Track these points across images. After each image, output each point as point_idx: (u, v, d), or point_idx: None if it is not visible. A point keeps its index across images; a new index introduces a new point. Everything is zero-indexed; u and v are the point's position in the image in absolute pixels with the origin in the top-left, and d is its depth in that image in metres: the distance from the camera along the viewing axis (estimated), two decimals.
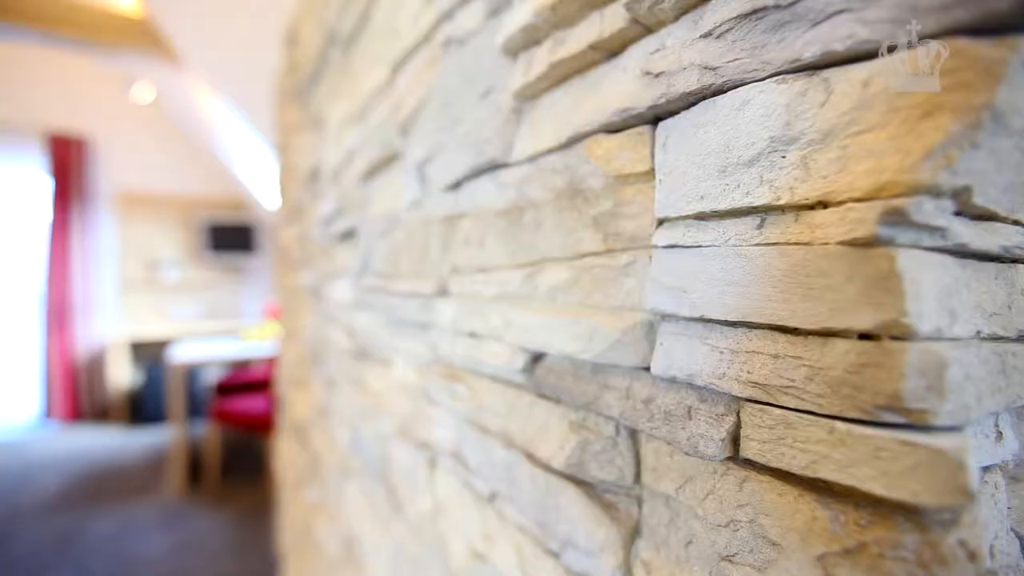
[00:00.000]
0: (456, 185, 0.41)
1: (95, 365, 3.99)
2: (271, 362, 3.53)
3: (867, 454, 0.17)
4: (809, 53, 0.19)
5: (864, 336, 0.17)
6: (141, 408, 3.81)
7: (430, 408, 0.47)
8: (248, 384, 3.01)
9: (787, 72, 0.20)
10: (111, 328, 4.07)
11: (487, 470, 0.36)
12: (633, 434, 0.25)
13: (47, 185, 3.82)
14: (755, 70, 0.21)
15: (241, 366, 4.09)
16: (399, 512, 0.55)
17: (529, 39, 0.33)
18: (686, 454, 0.22)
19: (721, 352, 0.21)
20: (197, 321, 4.33)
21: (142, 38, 2.59)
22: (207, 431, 2.81)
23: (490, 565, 0.35)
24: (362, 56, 0.70)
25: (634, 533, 0.25)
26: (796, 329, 0.19)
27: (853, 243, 0.18)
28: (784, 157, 0.20)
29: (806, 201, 0.19)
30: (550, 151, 0.31)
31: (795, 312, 0.19)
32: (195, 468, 2.90)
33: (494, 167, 0.36)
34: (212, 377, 3.98)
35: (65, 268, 3.85)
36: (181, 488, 2.68)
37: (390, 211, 0.57)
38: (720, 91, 0.22)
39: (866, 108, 0.18)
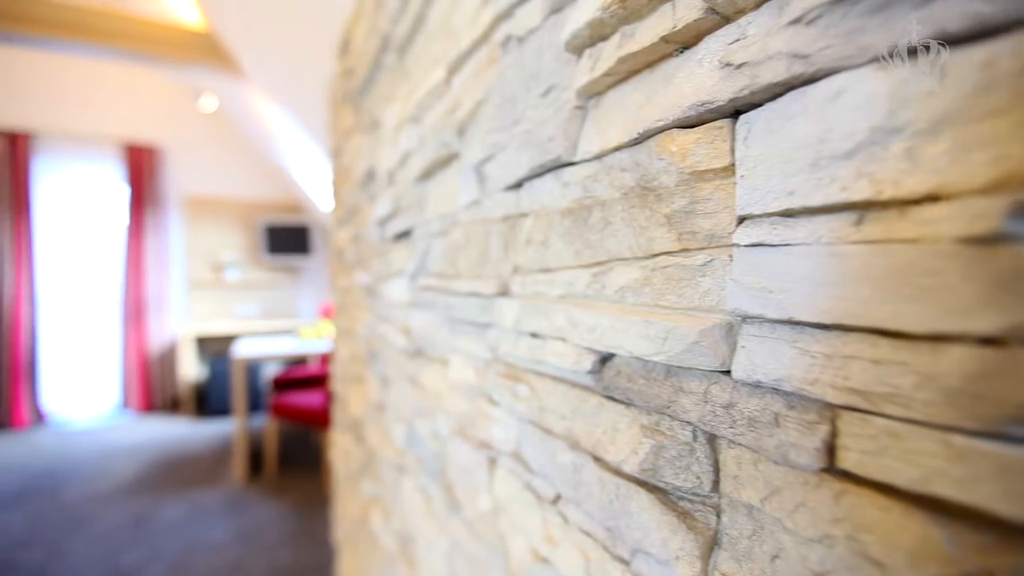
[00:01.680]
0: (517, 185, 0.41)
1: (166, 359, 4.26)
2: (326, 359, 3.66)
3: (992, 471, 0.15)
4: (917, 35, 0.18)
5: (986, 341, 0.16)
6: (206, 400, 4.04)
7: (489, 408, 0.47)
8: (304, 380, 3.13)
9: (889, 57, 0.19)
10: (180, 325, 4.34)
11: (550, 472, 0.36)
12: (712, 440, 0.24)
13: (124, 191, 4.11)
14: (852, 56, 0.19)
15: (297, 363, 4.28)
16: (456, 511, 0.55)
17: (595, 35, 0.32)
18: (774, 463, 0.21)
19: (813, 356, 0.20)
20: (256, 319, 4.55)
21: (208, 53, 2.75)
22: (266, 424, 2.95)
23: (554, 568, 0.35)
24: (416, 59, 0.71)
25: (712, 544, 0.24)
26: (901, 333, 0.18)
27: (971, 240, 0.16)
28: (887, 149, 0.18)
29: (913, 196, 0.18)
30: (618, 148, 0.31)
31: (900, 314, 0.18)
32: (255, 459, 3.05)
33: (558, 166, 0.36)
34: (271, 373, 4.18)
35: (139, 268, 4.14)
36: (243, 478, 2.82)
37: (447, 211, 0.58)
38: (811, 80, 0.21)
39: (986, 93, 0.17)
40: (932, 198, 0.18)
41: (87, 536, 2.24)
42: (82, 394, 4.13)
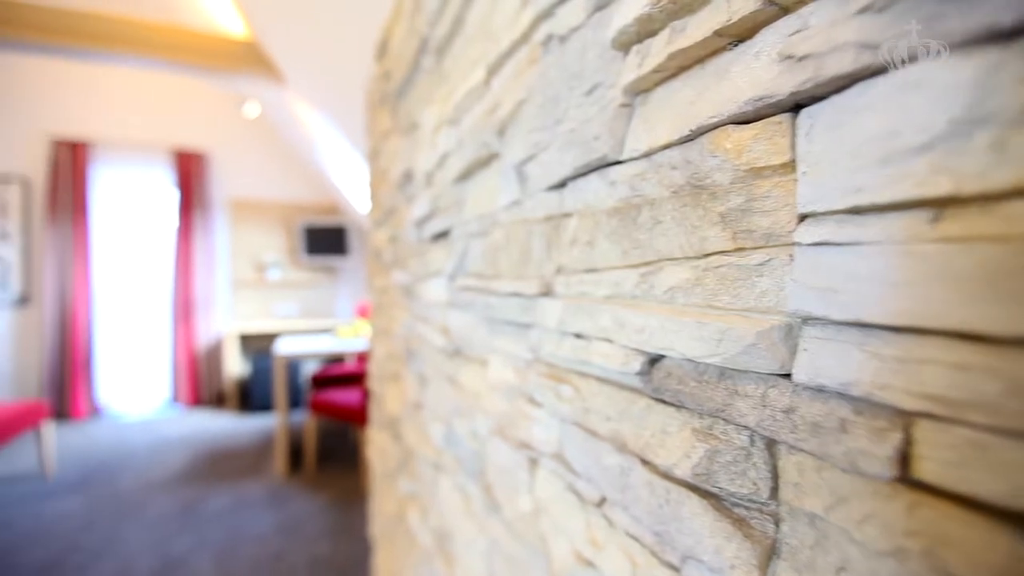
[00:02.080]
0: (560, 184, 0.41)
1: (212, 356, 4.44)
2: (362, 358, 3.74)
3: None
4: (1007, 19, 0.17)
5: None
6: (249, 396, 4.19)
7: (530, 408, 0.47)
8: (342, 377, 3.21)
9: (973, 43, 0.17)
10: (225, 323, 4.52)
11: (595, 474, 0.36)
12: (770, 445, 0.24)
13: (174, 195, 4.31)
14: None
15: (335, 361, 4.38)
16: (496, 510, 0.55)
17: (643, 31, 0.31)
18: (841, 471, 0.20)
19: (884, 360, 0.19)
20: (296, 318, 4.69)
21: (252, 61, 2.85)
22: (306, 420, 3.03)
23: (598, 571, 0.35)
24: (455, 61, 0.72)
25: (771, 553, 0.23)
26: (986, 336, 0.17)
27: None
28: (969, 141, 0.17)
29: (999, 190, 0.17)
30: (667, 146, 0.30)
31: (985, 317, 0.17)
32: (295, 454, 3.15)
33: (604, 165, 0.35)
34: (310, 370, 4.30)
35: (188, 268, 4.32)
36: (284, 471, 2.91)
37: (486, 212, 0.58)
38: (882, 71, 0.20)
39: None
40: (1021, 193, 0.16)
41: (140, 522, 2.36)
42: (135, 388, 4.35)
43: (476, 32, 0.63)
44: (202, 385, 4.37)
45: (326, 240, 4.58)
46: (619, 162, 0.34)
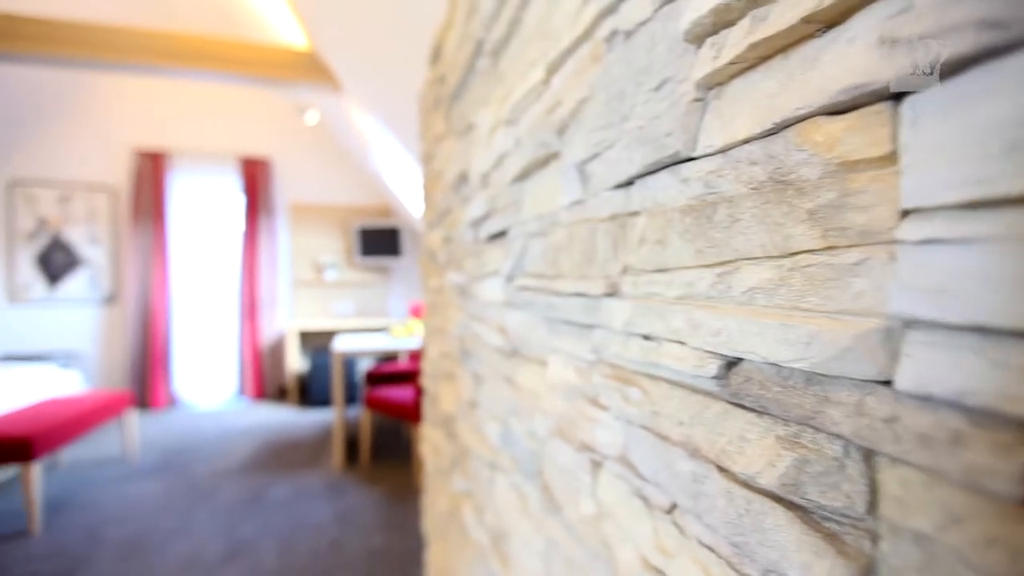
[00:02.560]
0: (627, 183, 0.40)
1: (274, 352, 4.67)
2: (414, 356, 3.82)
3: None
4: None
5: None
6: (308, 391, 4.38)
7: (592, 410, 0.46)
8: (395, 375, 3.29)
9: None
10: (286, 321, 4.74)
11: (665, 480, 0.35)
12: (868, 457, 0.22)
13: (240, 200, 4.57)
14: None
15: (389, 359, 4.51)
16: (555, 512, 0.55)
17: (719, 21, 0.30)
18: (958, 488, 0.19)
19: (1007, 368, 0.17)
20: (351, 317, 4.87)
21: (312, 71, 2.97)
22: (361, 415, 3.14)
23: None
24: (512, 62, 0.72)
25: (868, 572, 0.22)
26: None
27: None
28: None
29: None
30: (746, 141, 0.29)
31: None
32: (351, 447, 3.26)
33: (675, 162, 0.34)
34: (365, 367, 4.44)
35: (253, 269, 4.57)
36: (340, 464, 3.02)
37: (545, 212, 0.58)
38: (1007, 51, 0.18)
39: None
40: None
41: (211, 507, 2.51)
42: (206, 381, 4.64)
43: (534, 32, 0.63)
44: (265, 380, 4.61)
45: (380, 241, 4.72)
46: (692, 159, 0.33)
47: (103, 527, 2.32)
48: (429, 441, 1.55)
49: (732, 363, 0.29)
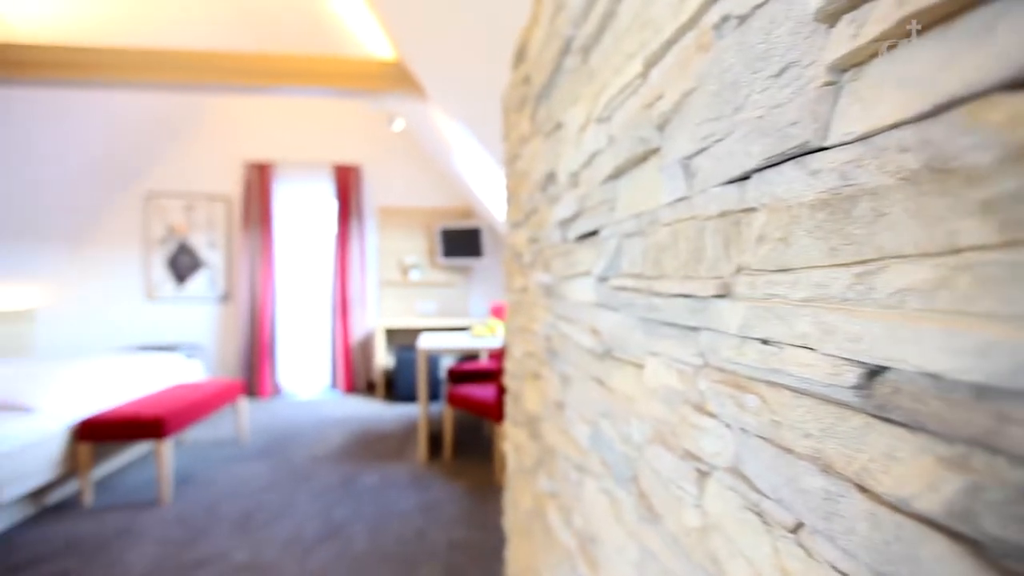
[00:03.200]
0: (742, 177, 0.38)
1: (363, 348, 4.95)
2: (495, 355, 3.88)
3: None
4: None
5: None
6: (393, 386, 4.60)
7: (698, 417, 0.44)
8: (476, 373, 3.37)
9: None
10: (374, 319, 5.01)
11: (788, 496, 0.32)
12: None
13: (333, 205, 4.89)
14: None
15: (470, 357, 4.62)
16: (653, 521, 0.53)
17: None
18: None
19: None
20: (434, 316, 5.05)
21: (399, 81, 3.12)
22: (444, 411, 3.25)
23: None
24: (605, 57, 0.70)
25: None
26: None
27: None
28: None
29: None
30: (895, 126, 0.26)
31: None
32: (434, 442, 3.38)
33: (802, 153, 0.32)
34: (447, 365, 4.59)
35: (345, 269, 4.87)
36: (424, 458, 3.14)
37: (643, 210, 0.56)
38: None
39: None
40: None
41: (309, 489, 2.71)
42: (304, 374, 5.02)
43: (630, 25, 0.62)
44: (355, 374, 4.90)
45: (461, 242, 4.85)
46: (823, 148, 0.30)
47: (219, 502, 2.58)
48: (511, 439, 1.57)
49: (875, 372, 0.26)
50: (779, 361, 0.33)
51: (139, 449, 3.19)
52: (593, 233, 0.74)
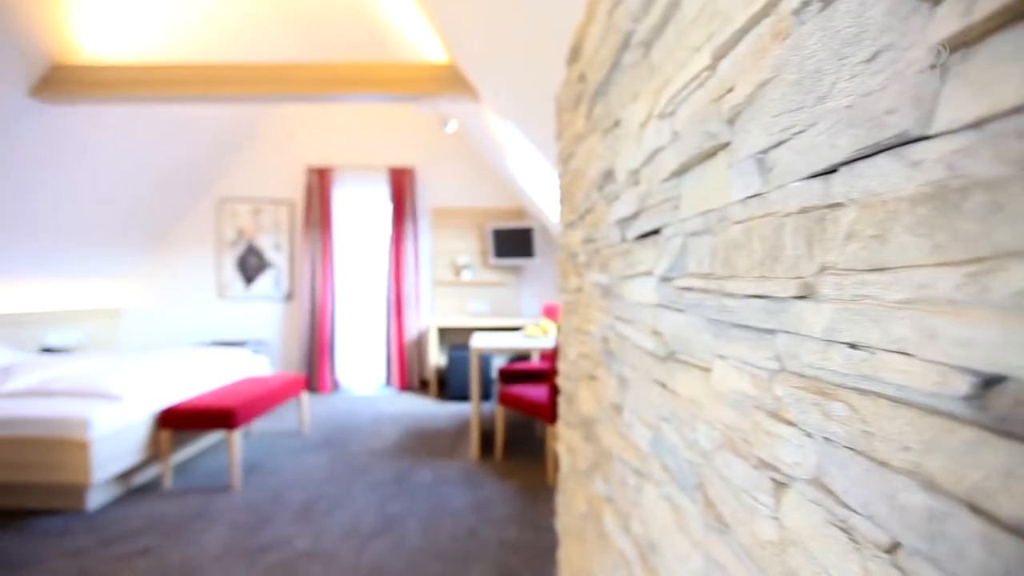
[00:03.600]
0: (827, 171, 0.35)
1: (417, 347, 5.07)
2: (546, 355, 3.87)
3: None
4: None
5: None
6: (445, 384, 4.68)
7: (773, 424, 0.42)
8: (528, 373, 3.37)
9: None
10: (427, 318, 5.12)
11: (882, 513, 0.30)
12: None
13: (388, 207, 5.03)
14: None
15: (521, 357, 4.63)
16: (721, 531, 0.51)
17: None
18: None
19: None
20: (485, 316, 5.10)
21: (452, 84, 3.17)
22: (495, 410, 3.27)
23: None
24: (668, 51, 0.68)
25: None
26: None
27: None
28: None
29: None
30: (1015, 110, 0.23)
31: None
32: (485, 441, 3.41)
33: (901, 143, 0.29)
34: (498, 365, 4.62)
35: (399, 269, 5.00)
36: (476, 456, 3.17)
37: (711, 207, 0.54)
38: None
39: None
40: None
41: (366, 482, 2.80)
42: (360, 371, 5.19)
43: (696, 16, 0.59)
44: (409, 372, 5.02)
45: (513, 242, 4.87)
46: (925, 138, 0.28)
47: (284, 490, 2.71)
48: (564, 441, 1.56)
49: (991, 381, 0.24)
50: (871, 367, 0.31)
51: (212, 438, 3.41)
52: (655, 232, 0.73)
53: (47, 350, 4.15)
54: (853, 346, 0.32)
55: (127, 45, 3.35)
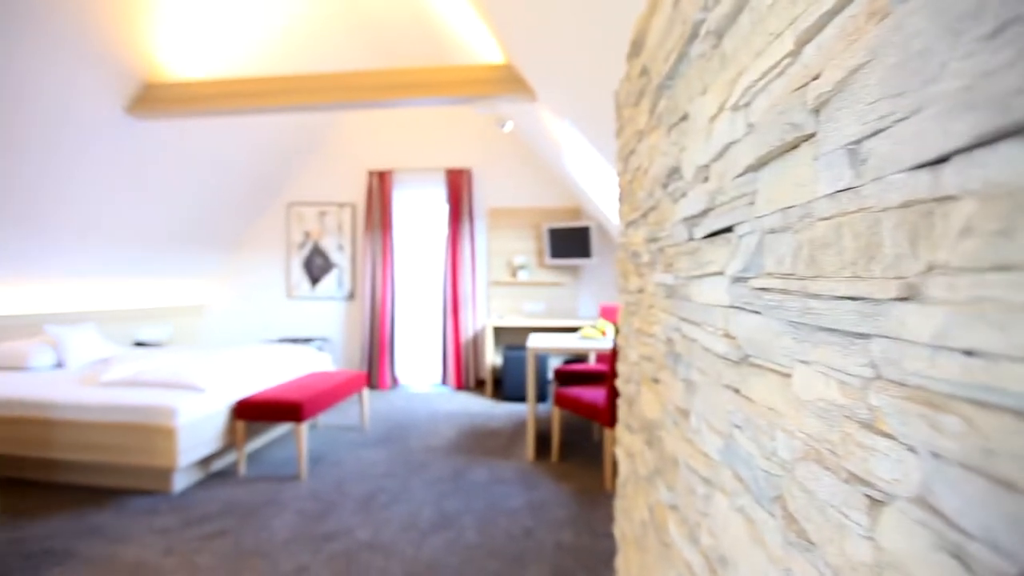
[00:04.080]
0: (937, 160, 0.32)
1: (473, 346, 5.13)
2: (603, 357, 3.81)
3: None
4: None
5: None
6: (501, 384, 4.71)
7: (867, 436, 0.39)
8: (584, 374, 3.33)
9: None
10: (483, 318, 5.17)
11: (1010, 541, 0.27)
12: None
13: (445, 207, 5.12)
14: None
15: (577, 359, 4.59)
16: (804, 548, 0.48)
17: None
18: None
19: None
20: (541, 316, 5.09)
21: (509, 83, 3.19)
22: (551, 411, 3.26)
23: None
24: (743, 39, 0.65)
25: None
26: None
27: None
28: None
29: None
30: None
31: None
32: (540, 442, 3.40)
33: None
34: (554, 366, 4.60)
35: (456, 269, 5.08)
36: (531, 457, 3.17)
37: (793, 203, 0.51)
38: None
39: None
40: None
41: (423, 478, 2.86)
42: (417, 369, 5.32)
43: (775, 0, 0.56)
44: (465, 371, 5.09)
45: (570, 242, 4.84)
46: None
47: (346, 482, 2.82)
48: (624, 445, 1.52)
49: None
50: (992, 377, 0.28)
51: (280, 429, 3.60)
52: (726, 230, 0.69)
53: (139, 344, 4.54)
54: (969, 353, 0.29)
55: (208, 63, 3.61)
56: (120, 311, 4.48)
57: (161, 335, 4.88)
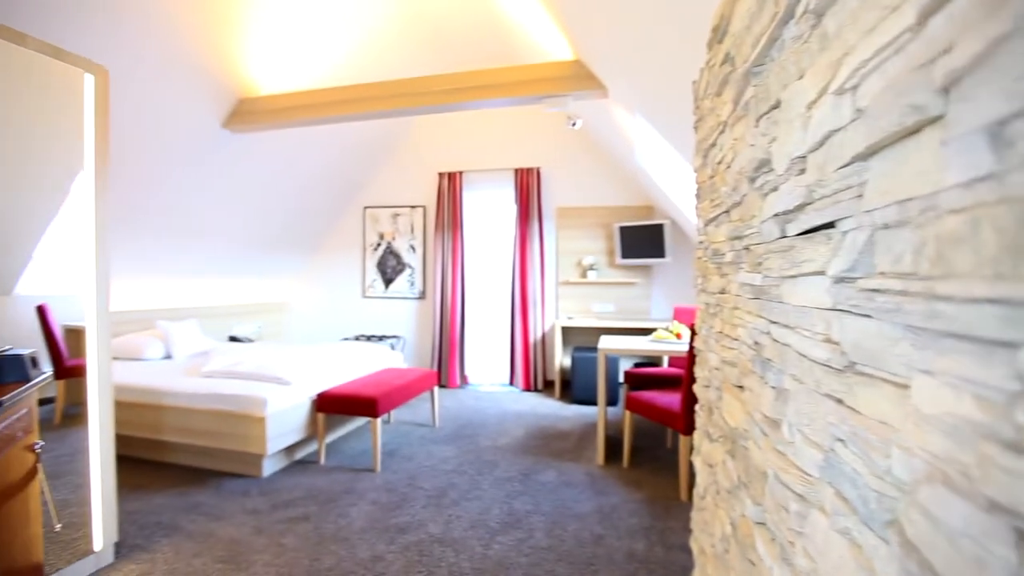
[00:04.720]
0: None
1: (542, 347, 5.12)
2: (676, 361, 3.68)
3: None
4: None
5: None
6: (570, 386, 4.67)
7: (1011, 458, 0.33)
8: (657, 378, 3.23)
9: None
10: (552, 318, 5.15)
11: None
12: None
13: (514, 207, 5.15)
14: None
15: (650, 362, 4.46)
16: None
17: None
18: None
19: None
20: (611, 317, 4.99)
21: (579, 80, 3.15)
22: (622, 415, 3.18)
23: None
24: (850, 16, 0.59)
25: None
26: None
27: None
28: None
29: None
30: None
31: None
32: (611, 446, 3.33)
33: None
34: (624, 368, 4.50)
35: (524, 269, 5.09)
36: (601, 461, 3.11)
37: (913, 195, 0.46)
38: None
39: None
40: None
41: (493, 477, 2.89)
42: (486, 368, 5.39)
43: None
44: (533, 371, 5.10)
45: (641, 242, 4.71)
46: None
47: (418, 476, 2.91)
48: (703, 454, 1.45)
49: None
50: None
51: (357, 422, 3.78)
52: (827, 226, 0.64)
53: (232, 338, 4.94)
54: None
55: (293, 77, 3.86)
56: (216, 307, 4.91)
57: (251, 330, 5.28)
